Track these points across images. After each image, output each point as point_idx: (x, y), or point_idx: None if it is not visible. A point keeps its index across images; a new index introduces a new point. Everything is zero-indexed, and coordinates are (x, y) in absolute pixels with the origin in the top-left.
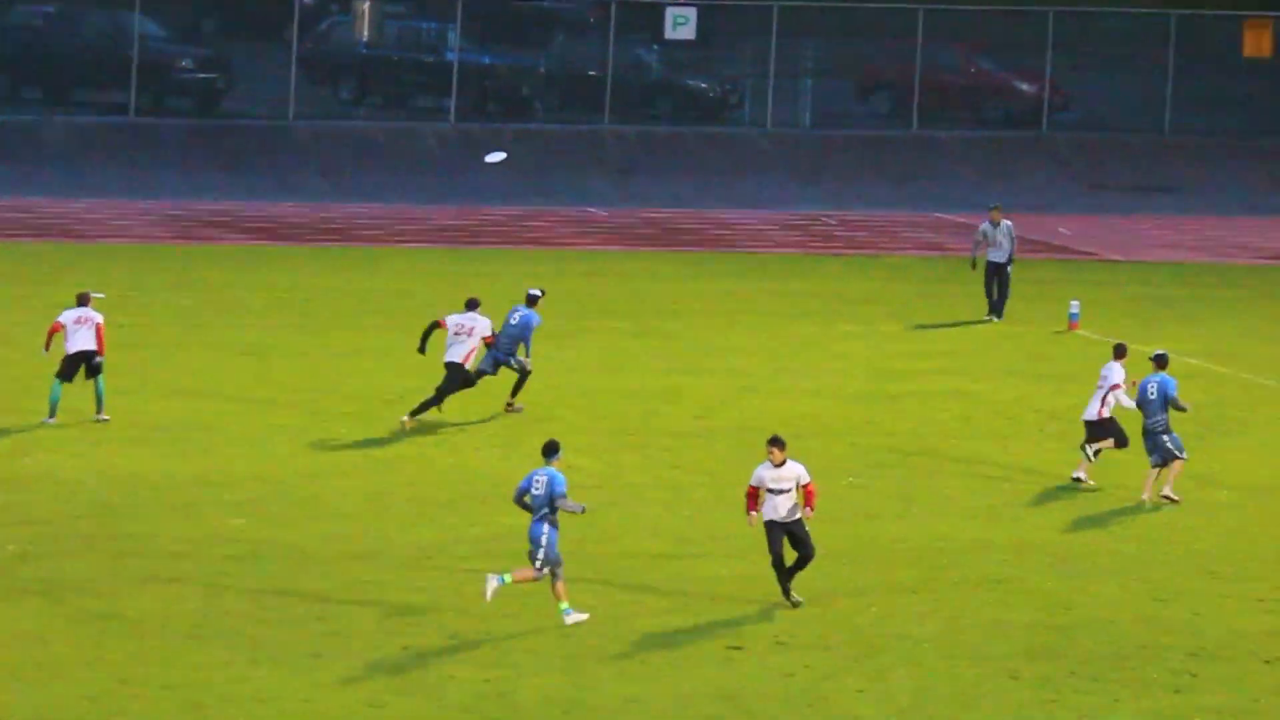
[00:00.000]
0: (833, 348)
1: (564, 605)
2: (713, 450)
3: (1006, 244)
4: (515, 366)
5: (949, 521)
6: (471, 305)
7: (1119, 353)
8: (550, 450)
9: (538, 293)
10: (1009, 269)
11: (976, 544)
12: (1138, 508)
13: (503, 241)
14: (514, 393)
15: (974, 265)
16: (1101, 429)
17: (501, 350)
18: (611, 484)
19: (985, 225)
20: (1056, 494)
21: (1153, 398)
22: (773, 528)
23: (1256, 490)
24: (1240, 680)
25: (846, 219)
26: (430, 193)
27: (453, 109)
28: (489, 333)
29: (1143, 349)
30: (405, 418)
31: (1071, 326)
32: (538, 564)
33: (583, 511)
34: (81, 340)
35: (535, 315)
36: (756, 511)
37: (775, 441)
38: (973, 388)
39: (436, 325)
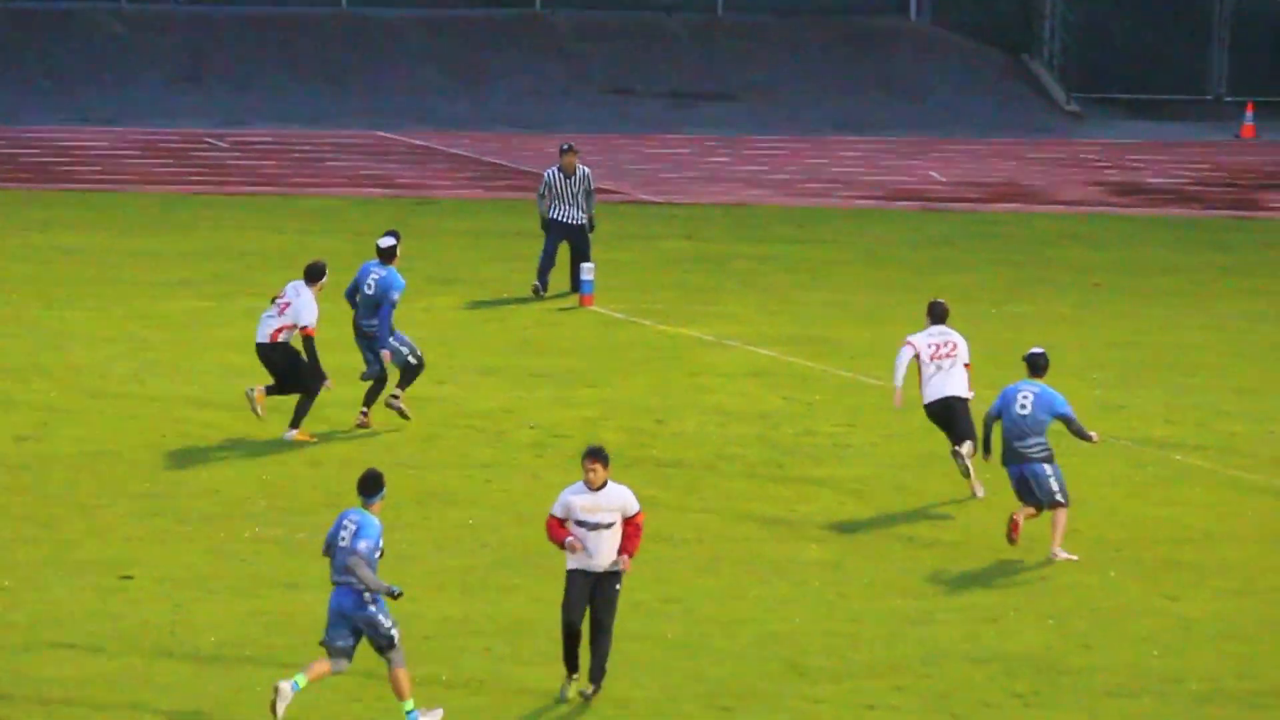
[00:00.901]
0: (225, 333)
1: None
2: (46, 490)
3: (585, 201)
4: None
5: (444, 600)
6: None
7: (938, 313)
8: (371, 487)
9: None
10: (587, 235)
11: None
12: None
13: None
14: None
15: (545, 227)
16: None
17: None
18: None
19: (551, 173)
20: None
21: (1024, 413)
22: (574, 579)
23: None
24: None
25: (245, 141)
26: None
27: None
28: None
29: (685, 332)
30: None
31: (584, 301)
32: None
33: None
34: None
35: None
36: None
37: (595, 455)
38: (437, 393)
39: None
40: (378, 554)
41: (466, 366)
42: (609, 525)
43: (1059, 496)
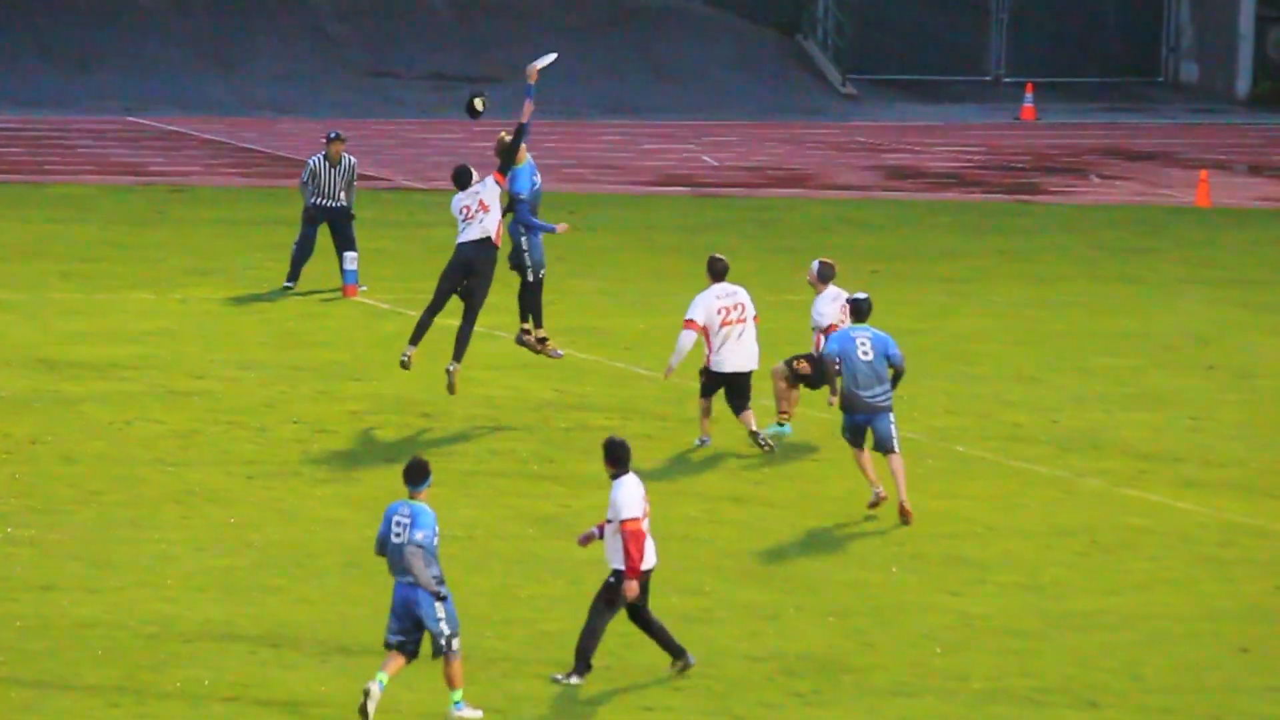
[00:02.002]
0: None
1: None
2: None
3: (347, 192)
4: None
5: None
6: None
7: (718, 270)
8: (418, 475)
9: None
10: (351, 224)
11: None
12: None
13: None
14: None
15: (310, 219)
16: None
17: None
18: None
19: (316, 161)
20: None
21: (868, 359)
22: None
23: None
24: None
25: None
26: None
27: None
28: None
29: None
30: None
31: (347, 291)
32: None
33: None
34: None
35: None
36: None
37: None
38: (196, 387)
39: None
40: (435, 540)
41: (227, 360)
42: (610, 522)
43: (898, 443)
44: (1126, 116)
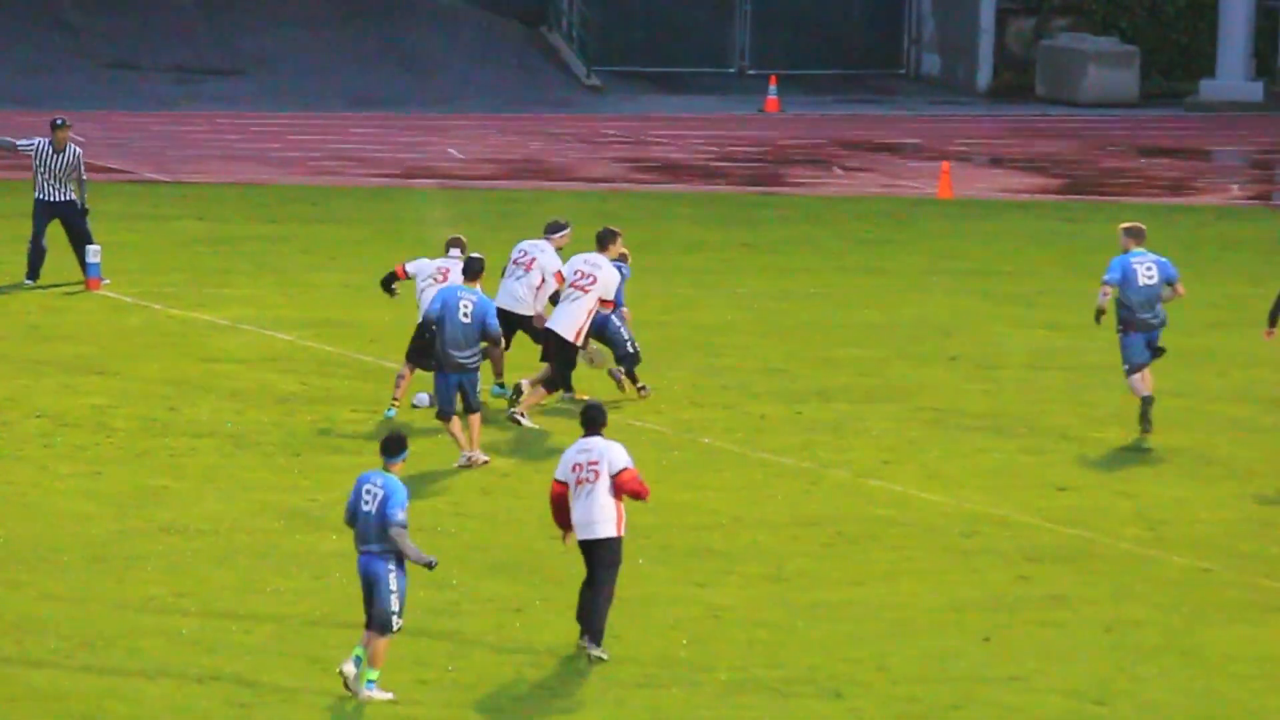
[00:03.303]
0: None
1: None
2: None
3: (77, 186)
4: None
5: None
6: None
7: (601, 240)
8: (395, 447)
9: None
10: (84, 219)
11: None
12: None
13: None
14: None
15: (39, 215)
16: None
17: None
18: None
19: (41, 142)
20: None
21: (467, 321)
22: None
23: None
24: None
25: None
26: None
27: None
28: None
29: (198, 315)
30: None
31: (90, 284)
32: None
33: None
34: None
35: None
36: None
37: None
38: None
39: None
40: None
41: None
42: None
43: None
44: (869, 108)
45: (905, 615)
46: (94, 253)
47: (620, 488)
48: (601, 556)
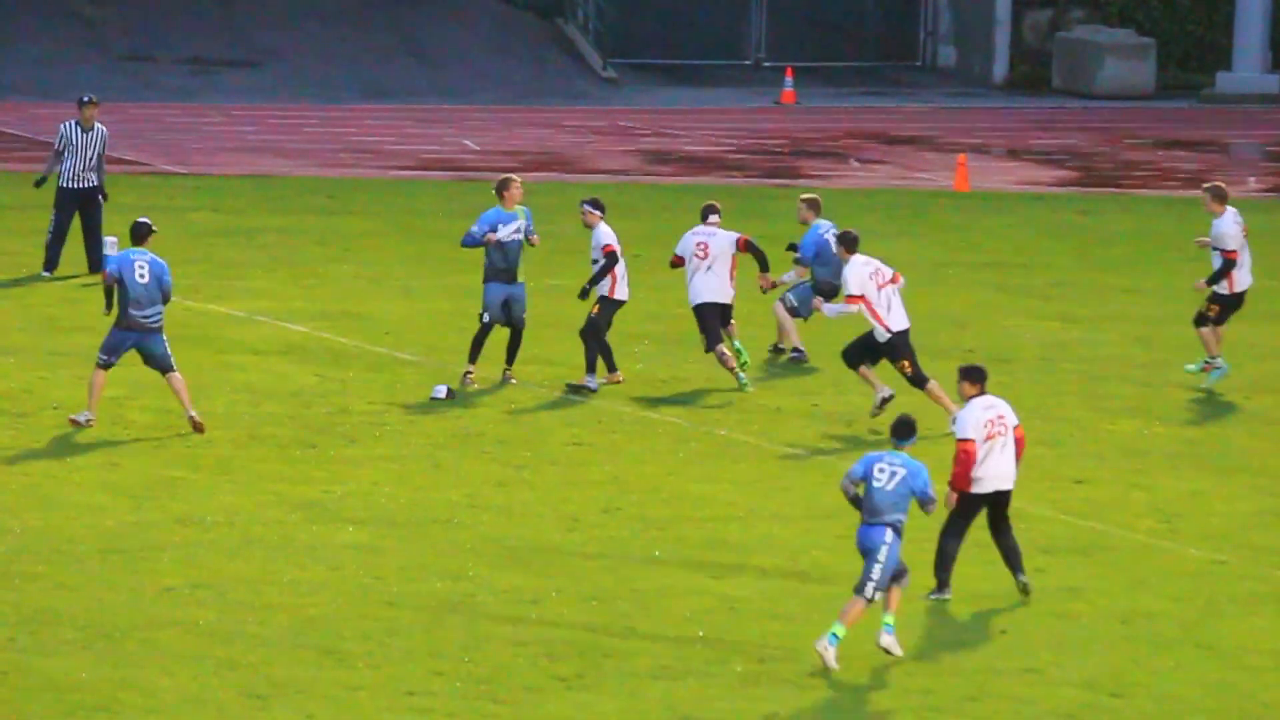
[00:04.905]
0: None
1: (889, 619)
2: None
3: (97, 171)
4: None
5: None
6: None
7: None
8: (904, 431)
9: None
10: (101, 210)
11: None
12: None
13: None
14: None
15: (62, 204)
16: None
17: None
18: None
19: (67, 126)
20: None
21: (143, 281)
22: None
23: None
24: None
25: None
26: None
27: None
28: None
29: (213, 308)
30: None
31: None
32: (869, 590)
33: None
34: None
35: None
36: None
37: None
38: None
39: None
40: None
41: None
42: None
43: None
44: (885, 101)
45: (919, 607)
46: (111, 245)
47: (1019, 443)
48: (1007, 503)
